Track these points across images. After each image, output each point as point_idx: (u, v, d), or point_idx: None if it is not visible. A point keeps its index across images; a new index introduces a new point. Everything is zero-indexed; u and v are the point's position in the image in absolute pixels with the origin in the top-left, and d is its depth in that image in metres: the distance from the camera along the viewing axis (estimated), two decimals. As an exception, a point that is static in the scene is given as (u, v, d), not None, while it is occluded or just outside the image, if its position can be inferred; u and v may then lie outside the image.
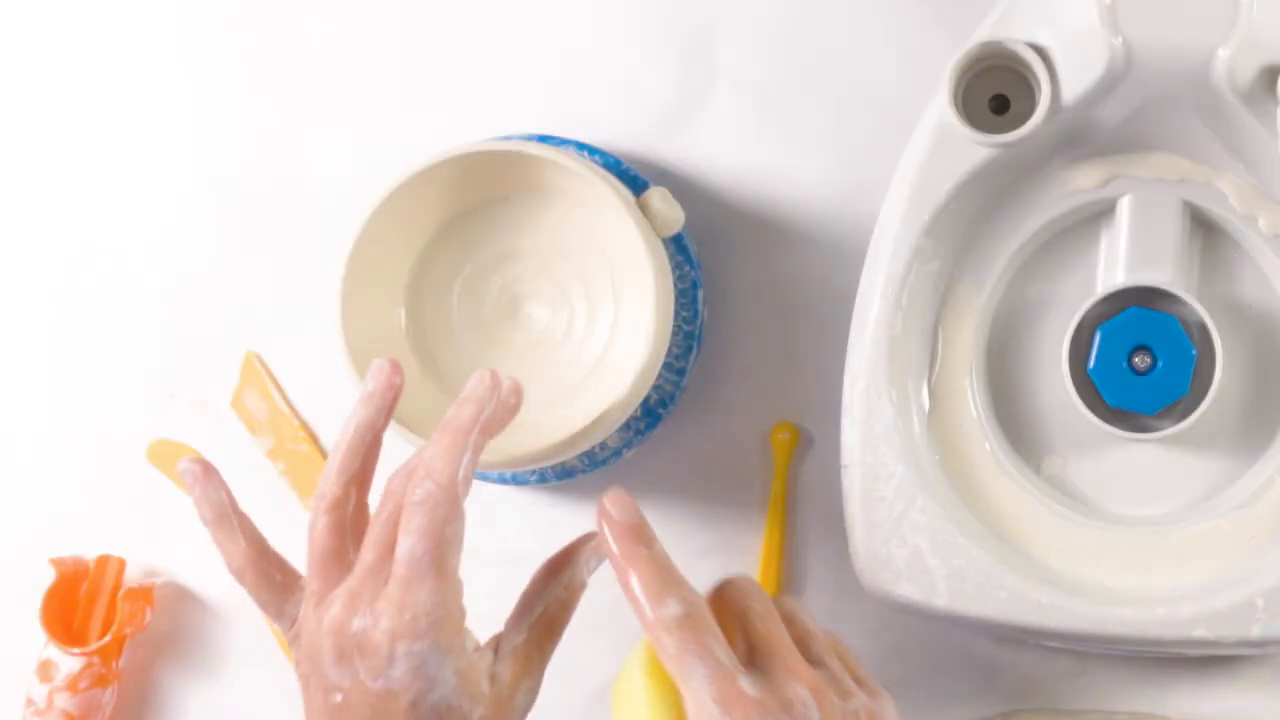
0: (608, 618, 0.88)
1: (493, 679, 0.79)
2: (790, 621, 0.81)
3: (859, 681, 0.80)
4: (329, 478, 0.81)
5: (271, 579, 0.82)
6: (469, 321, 0.91)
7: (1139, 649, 0.88)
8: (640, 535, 0.78)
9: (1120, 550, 0.88)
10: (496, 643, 0.81)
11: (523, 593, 0.82)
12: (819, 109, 0.94)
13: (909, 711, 0.92)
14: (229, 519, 0.83)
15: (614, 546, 0.78)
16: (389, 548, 0.79)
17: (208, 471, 0.83)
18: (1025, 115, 0.86)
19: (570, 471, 0.93)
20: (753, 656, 0.78)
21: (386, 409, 0.82)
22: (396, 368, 0.82)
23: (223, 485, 0.83)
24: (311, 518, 0.81)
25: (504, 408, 0.82)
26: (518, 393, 0.83)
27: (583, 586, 0.82)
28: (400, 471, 0.81)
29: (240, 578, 0.82)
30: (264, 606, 0.83)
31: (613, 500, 0.79)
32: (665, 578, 0.78)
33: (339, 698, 0.78)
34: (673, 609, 0.77)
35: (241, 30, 0.97)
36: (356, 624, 0.78)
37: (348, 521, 0.81)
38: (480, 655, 0.79)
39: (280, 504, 0.96)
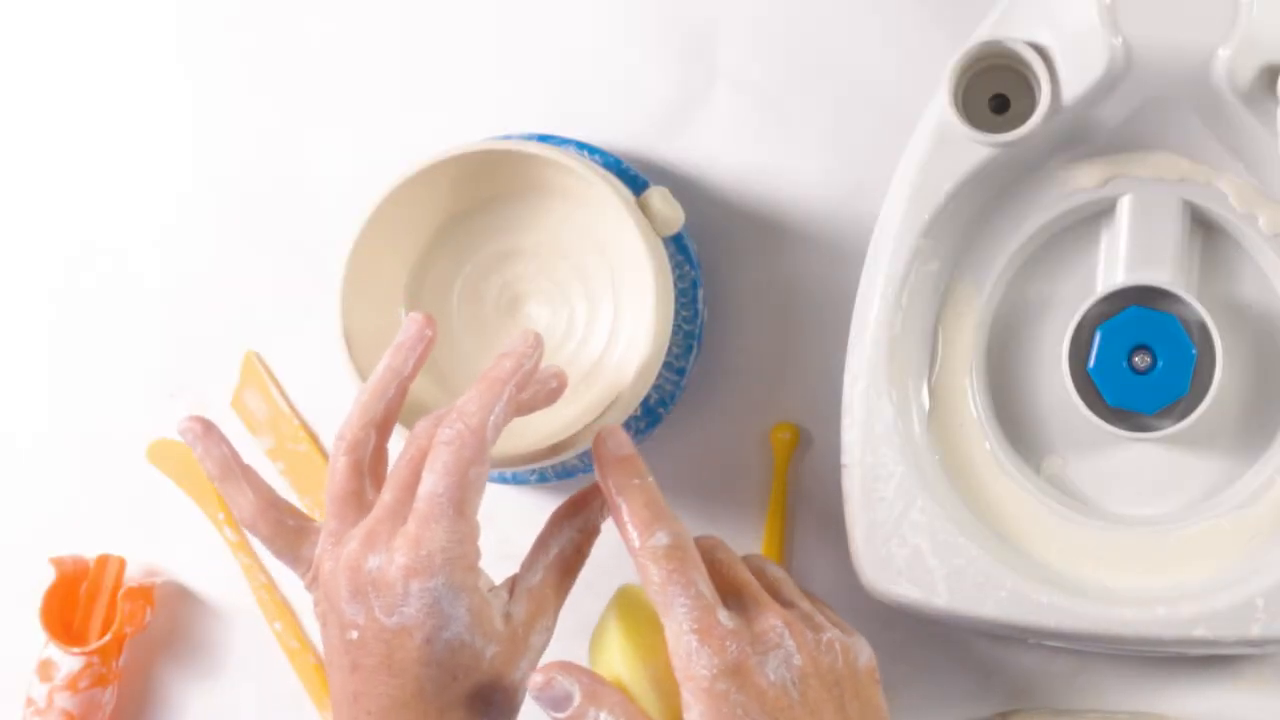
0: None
1: (507, 618, 0.81)
2: (760, 573, 0.83)
3: (833, 623, 0.82)
4: (350, 420, 0.83)
5: (284, 525, 0.84)
6: (469, 321, 0.91)
7: (1139, 649, 0.88)
8: (633, 467, 0.81)
9: (1120, 550, 0.88)
10: (512, 583, 0.82)
11: (538, 535, 0.84)
12: (819, 109, 0.94)
13: (909, 711, 0.92)
14: (234, 472, 0.84)
15: (607, 476, 0.81)
16: (409, 488, 0.80)
17: (208, 429, 0.85)
18: (1025, 115, 0.86)
19: (570, 471, 0.93)
20: (725, 599, 0.80)
21: (416, 360, 0.83)
22: (430, 321, 0.84)
23: (224, 440, 0.85)
24: (331, 459, 0.83)
25: (544, 388, 0.84)
26: (560, 378, 0.85)
27: (596, 531, 0.84)
28: (429, 418, 0.83)
29: (253, 529, 0.84)
30: (279, 554, 0.84)
31: (608, 433, 0.82)
32: (655, 509, 0.80)
33: (354, 634, 0.79)
34: (660, 539, 0.79)
35: (241, 30, 0.97)
36: (372, 561, 0.79)
37: (366, 464, 0.82)
38: (495, 595, 0.81)
39: (280, 504, 0.96)
